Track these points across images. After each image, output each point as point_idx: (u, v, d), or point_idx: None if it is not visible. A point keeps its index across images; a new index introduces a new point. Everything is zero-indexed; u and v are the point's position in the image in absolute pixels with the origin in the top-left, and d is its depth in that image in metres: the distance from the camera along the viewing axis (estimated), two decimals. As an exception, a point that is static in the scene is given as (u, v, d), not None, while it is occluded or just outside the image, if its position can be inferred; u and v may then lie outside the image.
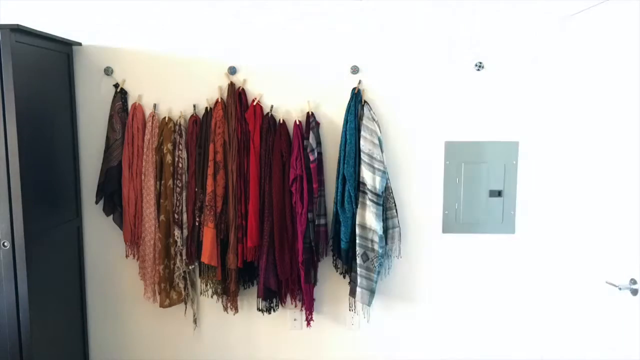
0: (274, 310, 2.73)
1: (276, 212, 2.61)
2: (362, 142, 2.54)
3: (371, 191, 2.53)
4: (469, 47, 2.65)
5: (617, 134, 2.07)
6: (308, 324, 2.74)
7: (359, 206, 2.55)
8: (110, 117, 2.70)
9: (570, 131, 2.52)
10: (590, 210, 2.29)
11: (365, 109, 2.58)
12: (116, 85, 2.71)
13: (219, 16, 2.67)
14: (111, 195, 2.74)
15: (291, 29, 2.67)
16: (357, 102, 2.62)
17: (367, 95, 2.67)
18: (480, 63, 2.65)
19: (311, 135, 2.62)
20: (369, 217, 2.54)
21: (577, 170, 2.41)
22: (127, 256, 2.77)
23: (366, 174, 2.53)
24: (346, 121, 2.60)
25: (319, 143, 2.66)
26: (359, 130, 2.56)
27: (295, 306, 2.77)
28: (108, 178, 2.71)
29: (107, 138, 2.71)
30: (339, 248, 2.63)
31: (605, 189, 2.16)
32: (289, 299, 2.74)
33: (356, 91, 2.64)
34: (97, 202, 2.76)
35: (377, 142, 2.54)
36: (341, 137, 2.62)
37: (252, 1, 2.66)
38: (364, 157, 2.53)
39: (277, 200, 2.61)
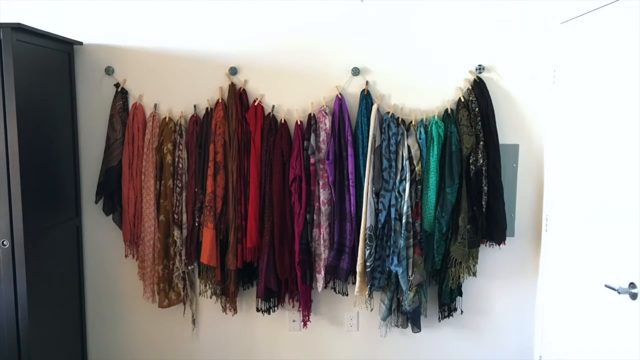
0: (273, 311, 2.72)
1: (276, 211, 2.61)
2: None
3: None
4: (470, 50, 2.66)
5: (618, 138, 2.08)
6: (304, 325, 2.74)
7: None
8: (111, 116, 2.70)
9: (571, 134, 2.52)
10: (590, 214, 2.29)
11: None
12: (117, 85, 2.71)
13: (220, 16, 2.68)
14: (111, 194, 2.74)
15: (292, 29, 2.67)
16: (368, 104, 2.62)
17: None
18: (481, 66, 2.65)
19: (312, 136, 2.62)
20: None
21: (577, 173, 2.41)
22: (126, 256, 2.77)
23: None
24: (360, 123, 2.61)
25: None
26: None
27: (293, 307, 2.76)
28: (108, 178, 2.70)
29: (108, 137, 2.71)
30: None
31: (605, 193, 2.16)
32: (287, 299, 2.74)
33: (365, 92, 2.64)
34: (96, 202, 2.76)
35: None
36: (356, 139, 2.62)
37: (253, 1, 2.66)
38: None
39: (277, 200, 2.61)
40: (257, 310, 2.70)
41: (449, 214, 2.56)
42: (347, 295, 2.73)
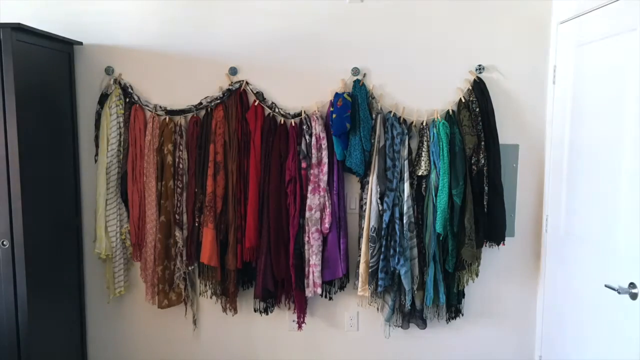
0: (270, 311, 2.72)
1: (272, 212, 2.60)
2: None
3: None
4: (470, 50, 2.66)
5: (617, 137, 2.07)
6: (299, 327, 2.73)
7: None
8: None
9: (571, 134, 2.52)
10: (589, 214, 2.29)
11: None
12: (131, 102, 2.69)
13: (220, 16, 2.67)
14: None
15: (292, 29, 2.67)
16: (367, 96, 2.60)
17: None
18: (481, 66, 2.65)
19: (303, 140, 2.61)
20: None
21: (577, 173, 2.41)
22: (134, 259, 2.77)
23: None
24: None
25: None
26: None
27: (289, 308, 2.76)
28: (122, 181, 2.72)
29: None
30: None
31: (605, 193, 2.16)
32: (283, 300, 2.73)
33: (361, 84, 2.62)
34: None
35: None
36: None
37: (253, 1, 2.66)
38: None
39: (274, 201, 2.60)
40: (255, 310, 2.70)
41: (458, 216, 2.56)
42: (332, 299, 2.74)
